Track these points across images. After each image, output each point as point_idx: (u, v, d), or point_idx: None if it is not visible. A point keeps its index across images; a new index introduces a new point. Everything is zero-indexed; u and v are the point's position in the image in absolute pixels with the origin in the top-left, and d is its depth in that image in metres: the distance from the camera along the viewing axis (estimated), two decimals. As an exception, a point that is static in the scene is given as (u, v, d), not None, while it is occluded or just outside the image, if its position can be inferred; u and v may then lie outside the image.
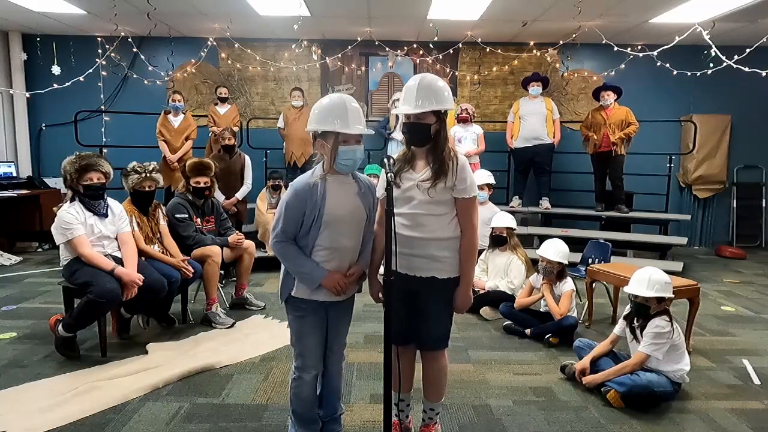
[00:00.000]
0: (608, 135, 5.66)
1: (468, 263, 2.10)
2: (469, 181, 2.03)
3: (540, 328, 3.51)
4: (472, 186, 2.04)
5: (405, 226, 2.02)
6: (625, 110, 5.71)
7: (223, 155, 5.08)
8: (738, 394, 2.81)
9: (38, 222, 6.07)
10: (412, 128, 2.03)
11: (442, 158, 2.00)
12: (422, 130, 2.00)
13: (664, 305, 2.71)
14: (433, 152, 2.02)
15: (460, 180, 2.00)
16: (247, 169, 5.24)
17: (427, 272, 2.08)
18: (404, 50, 6.70)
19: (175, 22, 6.04)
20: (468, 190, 2.03)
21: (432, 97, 1.98)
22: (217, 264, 3.73)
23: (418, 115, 1.98)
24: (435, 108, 1.98)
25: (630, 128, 5.64)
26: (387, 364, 1.91)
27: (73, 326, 3.05)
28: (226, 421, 2.45)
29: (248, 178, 5.24)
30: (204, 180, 3.91)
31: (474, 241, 2.09)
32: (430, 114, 1.99)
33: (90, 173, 3.10)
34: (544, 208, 6.09)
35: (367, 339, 3.52)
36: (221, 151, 5.09)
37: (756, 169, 7.15)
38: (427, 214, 2.02)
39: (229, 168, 5.09)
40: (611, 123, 5.68)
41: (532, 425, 2.46)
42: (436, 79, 2.04)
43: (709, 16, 5.33)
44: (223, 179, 4.84)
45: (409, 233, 2.03)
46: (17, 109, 6.74)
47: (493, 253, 4.22)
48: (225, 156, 5.09)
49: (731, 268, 5.91)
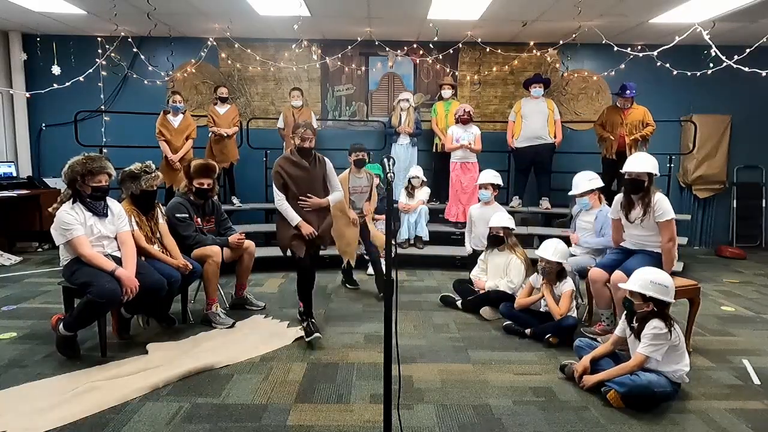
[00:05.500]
0: (624, 136, 5.56)
1: None
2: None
3: (540, 328, 3.51)
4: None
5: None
6: (643, 110, 5.60)
7: (299, 160, 3.59)
8: (738, 394, 2.81)
9: (38, 222, 6.08)
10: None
11: None
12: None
13: (652, 306, 2.67)
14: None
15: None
16: (331, 173, 3.78)
17: None
18: (404, 50, 6.70)
19: (175, 22, 6.04)
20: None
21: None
22: (217, 264, 3.73)
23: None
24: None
25: (647, 129, 5.54)
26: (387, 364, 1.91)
27: (74, 326, 3.06)
28: (226, 421, 2.45)
29: (335, 182, 3.81)
30: (207, 181, 3.90)
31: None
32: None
33: (100, 175, 3.12)
34: (544, 208, 6.09)
35: (367, 339, 3.53)
36: (293, 154, 3.62)
37: (756, 169, 7.15)
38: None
39: (311, 176, 3.63)
40: (628, 123, 5.58)
41: (532, 425, 2.46)
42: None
43: (709, 16, 5.33)
44: (303, 192, 3.60)
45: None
46: (17, 109, 6.74)
47: (492, 253, 4.22)
48: (302, 161, 3.59)
49: (731, 268, 5.91)
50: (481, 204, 4.65)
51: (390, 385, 1.95)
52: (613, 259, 3.49)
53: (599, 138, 5.88)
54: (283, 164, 3.58)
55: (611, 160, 5.68)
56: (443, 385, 2.85)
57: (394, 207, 3.46)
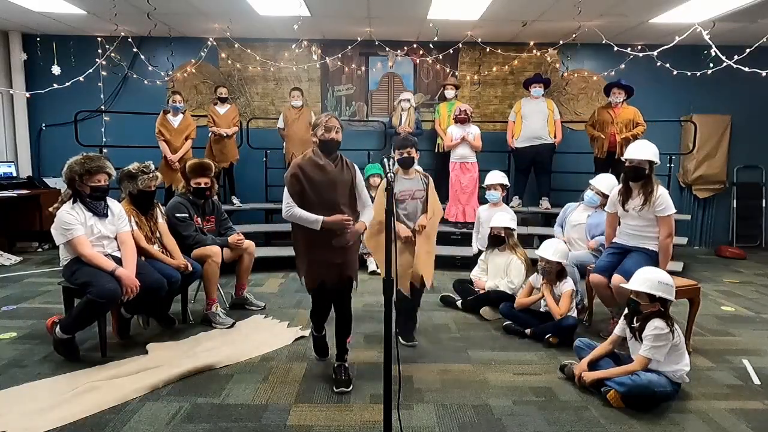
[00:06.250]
0: (615, 134, 5.59)
1: None
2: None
3: (540, 328, 3.51)
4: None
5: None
6: (634, 110, 5.63)
7: (325, 163, 2.72)
8: (738, 394, 2.81)
9: (38, 222, 6.08)
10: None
11: None
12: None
13: (659, 306, 2.69)
14: None
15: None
16: (361, 183, 2.91)
17: None
18: (404, 50, 6.70)
19: (175, 22, 6.04)
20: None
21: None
22: (217, 264, 3.73)
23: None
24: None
25: (638, 129, 5.55)
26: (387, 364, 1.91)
27: (72, 327, 3.05)
28: (226, 421, 2.45)
29: (365, 195, 2.92)
30: (204, 180, 3.90)
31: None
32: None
33: (98, 175, 3.11)
34: (544, 208, 6.09)
35: (367, 339, 3.52)
36: (316, 154, 2.74)
37: (756, 169, 7.15)
38: None
39: (336, 182, 2.74)
40: (619, 122, 5.60)
41: (532, 425, 2.46)
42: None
43: (709, 16, 5.33)
44: (324, 203, 2.70)
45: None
46: (17, 109, 6.74)
47: (493, 253, 4.22)
48: (328, 163, 2.73)
49: (731, 268, 5.91)
50: (490, 205, 4.64)
51: (390, 385, 1.95)
52: (608, 261, 3.49)
53: (591, 138, 5.92)
54: (304, 166, 2.70)
55: (602, 160, 5.73)
56: (443, 385, 2.85)
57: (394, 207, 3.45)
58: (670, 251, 3.34)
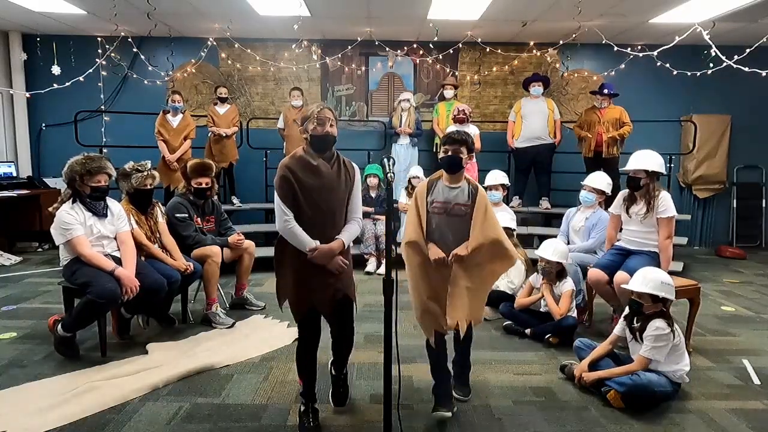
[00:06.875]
0: (602, 133, 5.65)
1: None
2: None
3: (540, 328, 3.51)
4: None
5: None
6: (620, 110, 5.69)
7: (318, 163, 2.30)
8: (738, 394, 2.81)
9: (38, 222, 6.07)
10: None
11: None
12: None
13: (661, 306, 2.70)
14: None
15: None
16: (358, 188, 2.45)
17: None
18: (404, 50, 6.70)
19: (175, 22, 6.04)
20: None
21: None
22: (217, 264, 3.73)
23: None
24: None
25: (624, 129, 5.62)
26: (387, 364, 1.91)
27: (73, 326, 3.06)
28: (226, 421, 2.45)
29: (356, 205, 2.44)
30: (205, 181, 3.91)
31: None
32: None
33: (99, 175, 3.12)
34: (544, 208, 6.09)
35: (367, 339, 3.52)
36: (307, 153, 2.32)
37: (756, 169, 7.15)
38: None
39: (331, 185, 2.32)
40: (605, 121, 5.67)
41: (532, 425, 2.45)
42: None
43: (709, 16, 5.33)
44: (317, 210, 2.32)
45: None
46: (17, 109, 6.74)
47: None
48: (321, 163, 2.30)
49: (731, 268, 5.91)
50: (492, 205, 4.64)
51: (390, 385, 1.94)
52: (610, 260, 3.51)
53: (578, 139, 5.95)
54: (293, 167, 2.26)
55: (590, 159, 5.79)
56: (443, 385, 2.85)
57: (394, 207, 3.46)
58: (670, 252, 3.35)
